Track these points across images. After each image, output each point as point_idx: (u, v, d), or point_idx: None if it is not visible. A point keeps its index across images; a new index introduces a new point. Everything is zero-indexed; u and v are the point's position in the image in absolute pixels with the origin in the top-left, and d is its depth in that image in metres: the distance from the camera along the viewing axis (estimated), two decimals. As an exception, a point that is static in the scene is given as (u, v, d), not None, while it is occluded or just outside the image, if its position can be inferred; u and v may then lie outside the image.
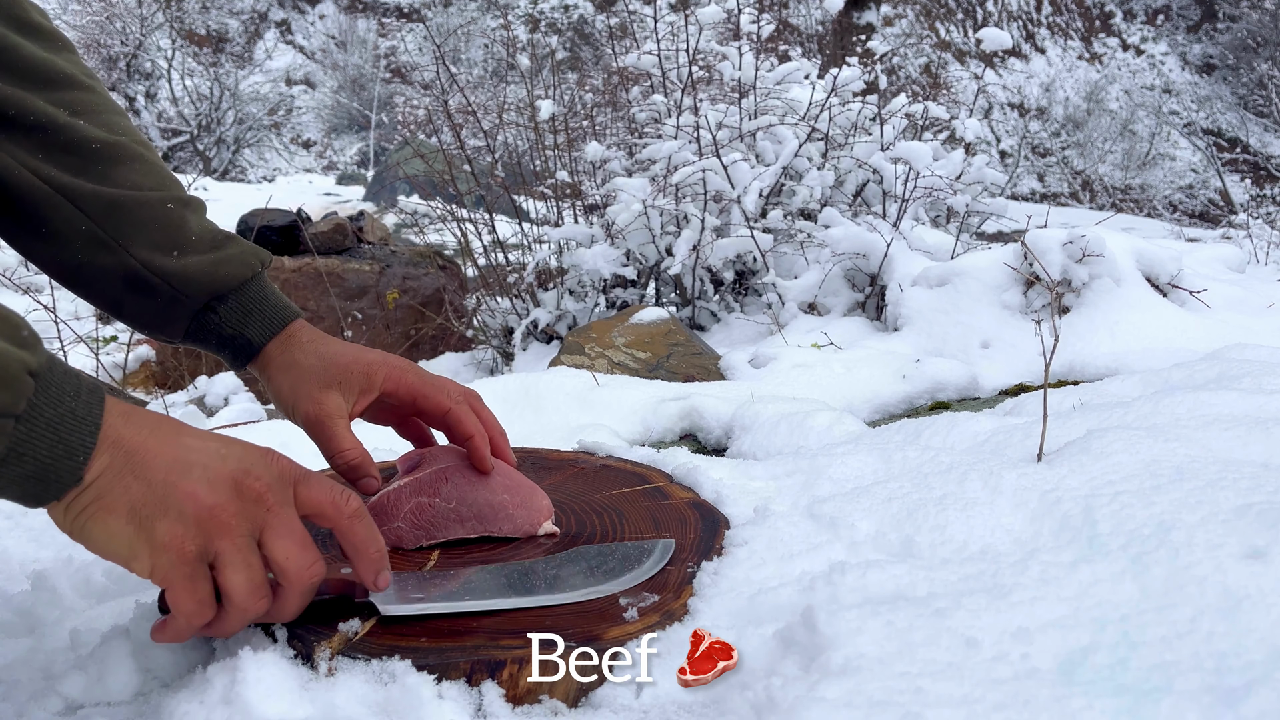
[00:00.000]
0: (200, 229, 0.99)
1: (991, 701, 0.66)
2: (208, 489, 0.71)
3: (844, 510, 1.05)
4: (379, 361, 1.00)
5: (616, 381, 2.09)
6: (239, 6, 23.33)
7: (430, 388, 1.01)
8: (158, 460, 0.70)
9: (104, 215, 0.93)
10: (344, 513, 0.78)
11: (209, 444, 0.74)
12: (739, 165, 3.08)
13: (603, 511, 1.10)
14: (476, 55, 21.02)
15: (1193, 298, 2.43)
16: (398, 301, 4.76)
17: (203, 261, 0.97)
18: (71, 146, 0.92)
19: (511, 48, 11.30)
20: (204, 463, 0.72)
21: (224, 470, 0.72)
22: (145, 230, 0.95)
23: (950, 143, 4.27)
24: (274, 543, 0.74)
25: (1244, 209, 13.54)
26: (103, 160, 0.94)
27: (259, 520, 0.73)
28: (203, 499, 0.70)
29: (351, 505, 0.79)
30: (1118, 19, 24.45)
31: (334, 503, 0.78)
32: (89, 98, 0.96)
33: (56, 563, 1.13)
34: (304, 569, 0.75)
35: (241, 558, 0.72)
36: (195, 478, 0.71)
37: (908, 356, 2.26)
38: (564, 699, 0.79)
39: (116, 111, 0.99)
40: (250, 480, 0.73)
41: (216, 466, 0.72)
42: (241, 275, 1.00)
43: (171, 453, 0.71)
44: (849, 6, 8.61)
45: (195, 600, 0.71)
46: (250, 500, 0.73)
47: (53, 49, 0.95)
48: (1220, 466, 0.98)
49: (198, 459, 0.72)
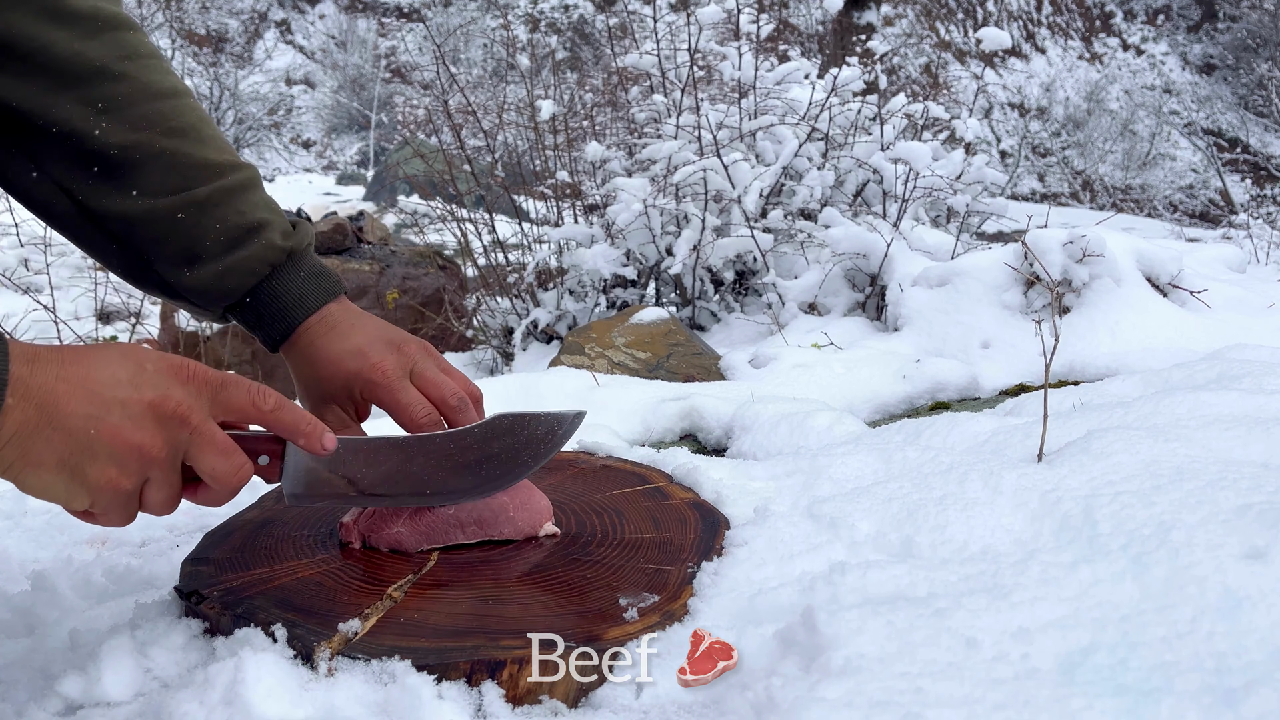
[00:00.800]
0: (215, 231, 1.00)
1: (992, 702, 0.66)
2: (131, 426, 0.74)
3: (844, 510, 1.05)
4: (355, 373, 1.01)
5: (616, 381, 2.09)
6: (239, 6, 23.33)
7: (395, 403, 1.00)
8: (72, 407, 0.72)
9: (126, 235, 0.98)
10: (264, 409, 0.83)
11: (120, 372, 0.75)
12: (739, 165, 3.08)
13: (602, 512, 1.10)
14: (476, 55, 21.02)
15: (1193, 298, 2.43)
16: (397, 301, 4.76)
17: (212, 273, 1.00)
18: (94, 156, 0.94)
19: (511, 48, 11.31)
20: (120, 398, 0.74)
21: (142, 399, 0.75)
22: (161, 246, 0.98)
23: (950, 143, 4.27)
24: (200, 458, 0.79)
25: (1244, 209, 13.53)
26: (122, 167, 0.96)
27: (183, 441, 0.77)
28: (129, 437, 0.73)
29: (269, 401, 0.83)
30: (1118, 19, 24.45)
31: (253, 403, 0.82)
32: (119, 89, 0.96)
33: (56, 563, 1.13)
34: (231, 475, 0.80)
35: (164, 478, 0.77)
36: (115, 417, 0.73)
37: (908, 356, 2.26)
38: (564, 699, 0.79)
39: (147, 97, 0.98)
40: (169, 404, 0.76)
41: (134, 398, 0.74)
42: (247, 283, 1.02)
43: (84, 395, 0.72)
44: (849, 6, 8.61)
45: (128, 520, 0.78)
46: (173, 423, 0.76)
47: (87, 34, 0.94)
48: (1220, 467, 0.98)
49: (113, 394, 0.74)
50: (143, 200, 0.96)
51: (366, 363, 1.00)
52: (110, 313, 4.80)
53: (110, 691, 0.80)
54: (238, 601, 0.87)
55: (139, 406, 0.74)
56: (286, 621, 0.82)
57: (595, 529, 1.05)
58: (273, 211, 1.05)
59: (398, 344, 1.03)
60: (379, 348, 1.02)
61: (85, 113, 0.94)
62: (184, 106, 1.01)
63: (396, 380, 0.99)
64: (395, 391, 0.99)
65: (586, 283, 3.50)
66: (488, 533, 1.01)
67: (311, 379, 1.03)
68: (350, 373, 1.01)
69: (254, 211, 1.02)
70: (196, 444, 0.78)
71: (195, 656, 0.84)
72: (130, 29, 0.99)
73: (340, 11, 24.43)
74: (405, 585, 0.90)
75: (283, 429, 0.84)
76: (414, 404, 0.99)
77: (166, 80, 1.00)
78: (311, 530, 1.05)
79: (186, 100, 1.02)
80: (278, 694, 0.73)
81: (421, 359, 1.03)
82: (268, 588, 0.90)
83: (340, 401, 1.02)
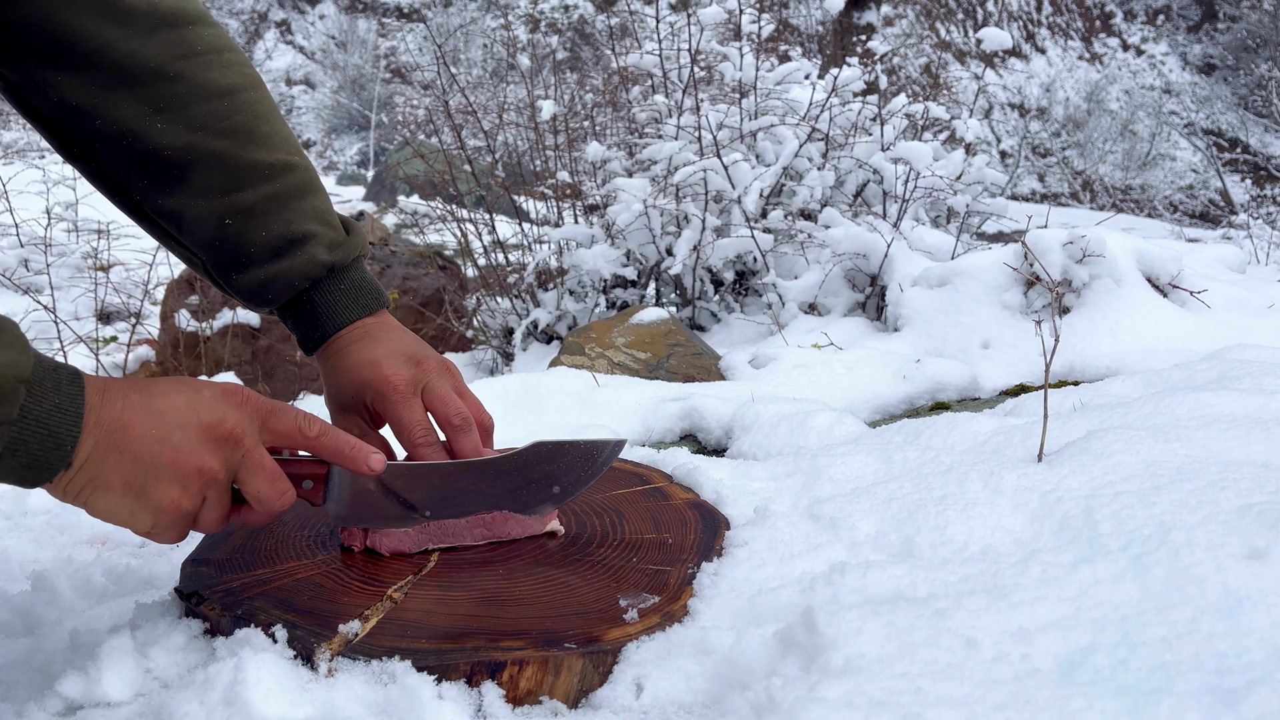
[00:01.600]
0: (261, 239, 1.00)
1: (992, 702, 0.66)
2: (191, 450, 0.79)
3: (844, 511, 1.05)
4: (367, 383, 1.01)
5: (616, 382, 2.09)
6: (239, 6, 23.33)
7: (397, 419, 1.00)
8: (138, 433, 0.76)
9: (180, 233, 1.01)
10: (310, 435, 0.87)
11: (178, 399, 0.80)
12: (739, 165, 3.08)
13: (603, 512, 1.10)
14: (476, 55, 21.02)
15: (1193, 298, 2.43)
16: (398, 302, 4.76)
17: (256, 279, 1.02)
18: (148, 157, 0.96)
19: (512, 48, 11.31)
20: (180, 423, 0.79)
21: (200, 422, 0.79)
22: (210, 249, 1.01)
23: (950, 143, 4.27)
24: (248, 480, 0.83)
25: (1244, 209, 13.53)
26: (175, 169, 0.97)
27: (235, 461, 0.82)
28: (190, 459, 0.78)
29: (314, 428, 0.87)
30: (1118, 19, 24.44)
31: (299, 429, 0.86)
32: (175, 89, 0.96)
33: (56, 563, 1.13)
34: (275, 500, 0.85)
35: (219, 498, 0.82)
36: (177, 441, 0.78)
37: (908, 357, 2.26)
38: (564, 699, 0.79)
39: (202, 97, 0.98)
40: (225, 426, 0.81)
41: (192, 421, 0.79)
42: (288, 292, 1.03)
43: (148, 421, 0.77)
44: (849, 7, 8.60)
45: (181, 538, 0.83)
46: (228, 444, 0.81)
47: (145, 32, 0.95)
48: (1220, 467, 0.98)
49: (174, 420, 0.78)
50: (194, 202, 0.98)
51: (379, 374, 1.00)
52: (110, 313, 4.81)
53: (110, 692, 0.80)
54: (238, 602, 0.87)
55: (197, 429, 0.79)
56: (287, 622, 0.82)
57: (595, 529, 1.05)
58: (321, 222, 1.04)
59: (417, 359, 1.03)
60: (396, 361, 1.02)
61: (141, 112, 0.95)
62: (239, 104, 1.00)
63: (404, 396, 0.99)
64: (400, 407, 0.99)
65: (586, 283, 3.50)
66: (496, 534, 1.01)
67: (334, 386, 1.05)
68: (363, 382, 1.01)
69: (301, 222, 1.02)
70: (246, 467, 0.83)
71: (195, 657, 0.84)
72: (190, 23, 0.99)
73: (340, 12, 24.44)
74: (405, 586, 0.90)
75: (328, 453, 0.88)
76: (414, 424, 0.99)
77: (225, 77, 1.00)
78: (311, 531, 1.05)
79: (245, 96, 1.01)
80: (278, 694, 0.73)
81: (437, 376, 1.02)
82: (268, 589, 0.90)
83: (357, 410, 1.03)
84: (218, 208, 0.98)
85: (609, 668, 0.81)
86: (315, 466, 0.91)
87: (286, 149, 1.03)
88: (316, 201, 1.05)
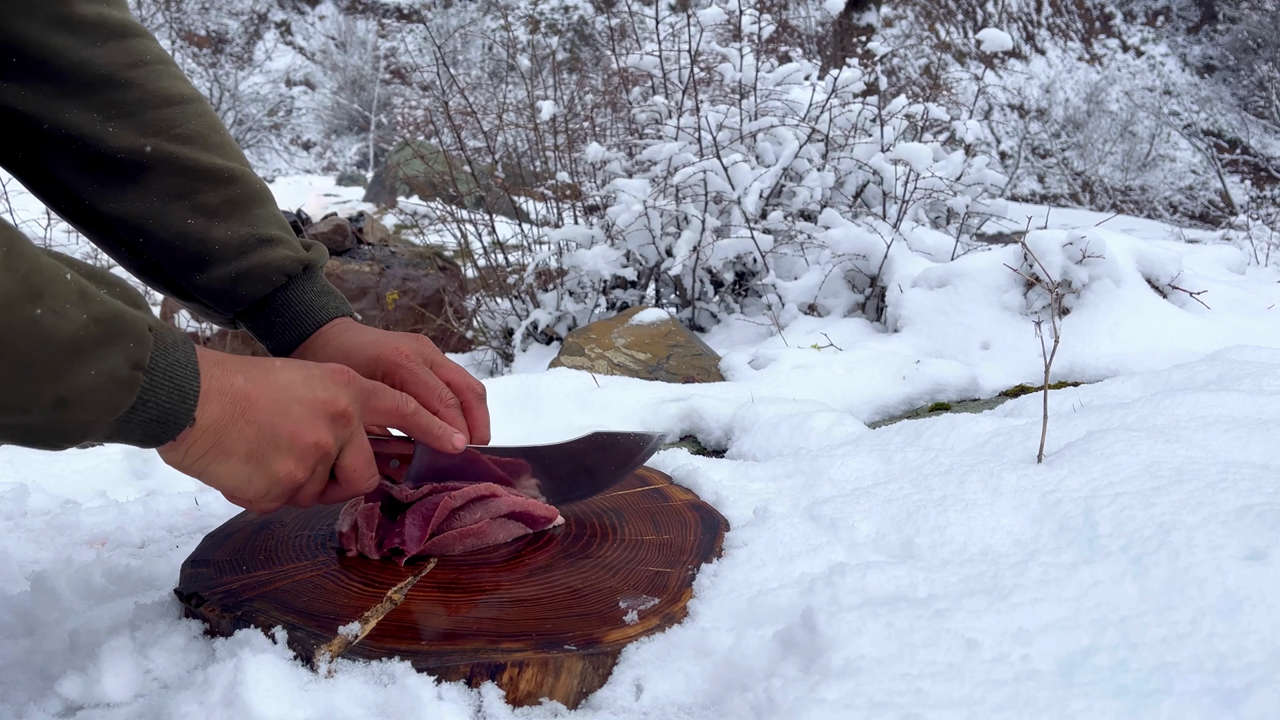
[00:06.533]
0: (225, 241, 1.00)
1: (992, 703, 0.66)
2: (309, 425, 0.82)
3: (844, 512, 1.05)
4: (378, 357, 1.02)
5: (616, 382, 2.09)
6: (238, 7, 23.34)
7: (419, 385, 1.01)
8: (262, 404, 0.80)
9: (134, 238, 1.00)
10: (407, 413, 0.92)
11: (294, 375, 0.83)
12: (739, 166, 3.08)
13: (603, 513, 1.10)
14: (476, 56, 21.02)
15: (1193, 299, 2.43)
16: (397, 302, 4.76)
17: (224, 276, 1.01)
18: (102, 160, 0.96)
19: (511, 48, 11.30)
20: (299, 398, 0.82)
21: (316, 399, 0.83)
22: (170, 250, 1.00)
23: (950, 144, 4.27)
24: (347, 456, 0.87)
25: (1244, 210, 13.53)
26: (130, 171, 0.97)
27: (344, 438, 0.86)
28: (307, 437, 0.82)
29: (410, 406, 0.92)
30: (1118, 20, 24.45)
31: (398, 408, 0.92)
32: (126, 95, 0.97)
33: (56, 564, 1.13)
34: (362, 481, 0.89)
35: (324, 473, 0.86)
36: (296, 416, 0.81)
37: (908, 358, 2.26)
38: (564, 701, 0.79)
39: (155, 103, 0.99)
40: (339, 405, 0.84)
41: (309, 398, 0.82)
42: (262, 290, 1.03)
43: (270, 394, 0.80)
44: (849, 8, 8.61)
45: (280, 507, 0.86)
46: (339, 421, 0.85)
47: (94, 41, 0.95)
48: (1220, 468, 0.98)
49: (293, 395, 0.82)
50: (151, 204, 0.97)
51: (390, 346, 1.02)
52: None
53: (110, 692, 0.80)
54: (238, 604, 0.87)
55: (315, 405, 0.82)
56: (286, 624, 0.82)
57: (595, 530, 1.05)
58: (282, 228, 1.06)
59: (411, 338, 1.06)
60: (396, 338, 1.04)
61: (92, 118, 0.95)
62: (192, 112, 1.01)
63: (419, 364, 1.02)
64: (420, 374, 1.01)
65: (586, 284, 3.50)
66: (482, 543, 1.00)
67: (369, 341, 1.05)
68: (375, 357, 1.02)
69: (265, 226, 1.03)
70: (351, 444, 0.86)
71: (195, 658, 0.84)
72: (138, 35, 1.00)
73: (340, 12, 24.44)
74: (405, 588, 0.90)
75: (419, 432, 0.93)
76: (437, 388, 1.02)
77: (175, 86, 1.01)
78: (311, 532, 1.05)
79: (195, 106, 1.02)
80: (277, 695, 0.73)
81: (435, 352, 1.07)
82: (268, 590, 0.90)
83: None
84: (177, 210, 0.98)
85: (609, 669, 0.81)
86: (404, 446, 0.96)
87: (239, 160, 1.04)
88: (274, 210, 1.07)
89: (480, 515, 0.99)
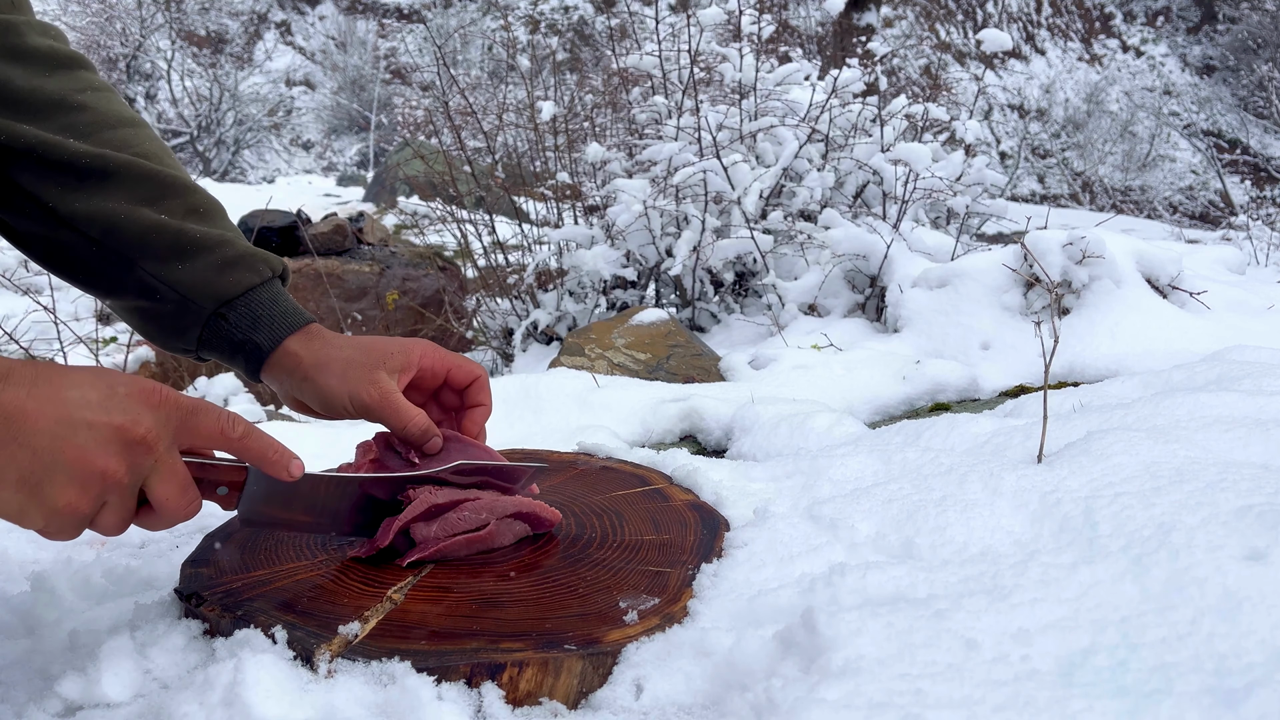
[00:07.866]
0: (204, 234, 1.00)
1: (992, 703, 0.66)
2: (97, 448, 0.72)
3: (844, 512, 1.05)
4: (413, 342, 1.04)
5: (616, 383, 2.09)
6: (238, 7, 23.34)
7: (460, 358, 1.06)
8: (40, 425, 0.71)
9: (105, 235, 0.97)
10: (233, 436, 0.82)
11: (90, 393, 0.74)
12: (739, 166, 3.08)
13: (602, 513, 1.10)
14: (476, 56, 21.02)
15: (1193, 299, 2.43)
16: (397, 302, 4.76)
17: (208, 267, 0.99)
18: (65, 165, 0.95)
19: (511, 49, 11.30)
20: (88, 420, 0.72)
21: (110, 423, 0.73)
22: (147, 243, 0.98)
23: (950, 144, 4.27)
24: (157, 486, 0.78)
25: (1244, 210, 13.53)
26: (95, 174, 0.96)
27: (146, 468, 0.76)
28: (93, 462, 0.72)
29: (238, 428, 0.82)
30: (1118, 20, 24.45)
31: (222, 431, 0.82)
32: (81, 117, 0.98)
33: (55, 564, 1.13)
34: (181, 509, 0.80)
35: (121, 502, 0.76)
36: (82, 439, 0.72)
37: (908, 358, 2.26)
38: (564, 701, 0.79)
39: (109, 124, 1.00)
40: (138, 430, 0.75)
41: (102, 421, 0.73)
42: (249, 281, 1.02)
43: (54, 412, 0.71)
44: (849, 8, 8.60)
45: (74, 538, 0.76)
46: (139, 449, 0.75)
47: (44, 71, 0.97)
48: (1220, 468, 0.98)
49: (81, 416, 0.72)
50: (120, 204, 0.97)
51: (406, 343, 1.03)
52: (110, 314, 4.81)
53: (110, 692, 0.80)
54: (238, 604, 0.87)
55: (107, 430, 0.73)
56: (286, 623, 0.82)
57: (595, 530, 1.05)
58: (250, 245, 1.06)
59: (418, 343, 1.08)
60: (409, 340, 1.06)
61: (49, 138, 0.95)
62: (146, 135, 1.03)
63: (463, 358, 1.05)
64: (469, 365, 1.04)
65: (586, 284, 3.50)
66: (487, 545, 1.00)
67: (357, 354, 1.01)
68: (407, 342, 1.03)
69: (235, 233, 1.04)
70: (158, 473, 0.77)
71: (195, 658, 0.84)
72: (84, 67, 1.02)
73: (340, 13, 24.44)
74: (405, 587, 0.90)
75: (251, 456, 0.84)
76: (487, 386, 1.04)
77: (125, 111, 1.03)
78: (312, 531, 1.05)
79: (146, 130, 1.04)
80: (277, 695, 0.73)
81: None
82: (268, 590, 0.90)
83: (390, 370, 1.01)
84: (145, 211, 0.98)
85: (609, 669, 0.81)
86: (233, 472, 0.86)
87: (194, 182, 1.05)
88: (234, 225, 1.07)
89: (486, 518, 0.99)
